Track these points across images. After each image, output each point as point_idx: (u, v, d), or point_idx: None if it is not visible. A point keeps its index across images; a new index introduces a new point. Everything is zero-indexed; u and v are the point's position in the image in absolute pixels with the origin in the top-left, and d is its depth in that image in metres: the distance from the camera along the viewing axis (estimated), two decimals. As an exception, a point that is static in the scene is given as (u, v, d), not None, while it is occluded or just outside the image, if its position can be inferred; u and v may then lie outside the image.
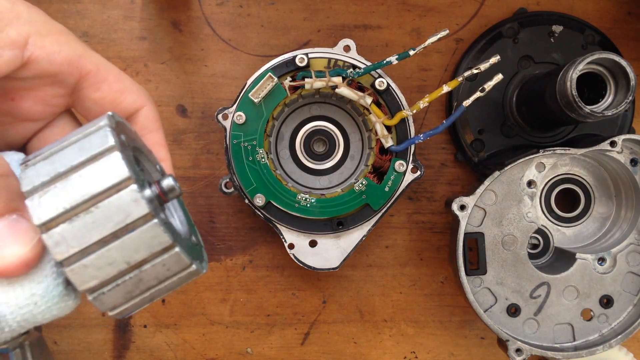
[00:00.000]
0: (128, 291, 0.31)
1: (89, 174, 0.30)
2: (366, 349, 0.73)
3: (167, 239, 0.31)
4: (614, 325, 0.66)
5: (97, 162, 0.30)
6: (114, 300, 0.32)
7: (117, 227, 0.30)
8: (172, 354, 0.72)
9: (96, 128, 0.31)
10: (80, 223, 0.29)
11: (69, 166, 0.30)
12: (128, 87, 0.40)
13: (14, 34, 0.34)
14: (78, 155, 0.30)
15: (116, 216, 0.29)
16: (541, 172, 0.65)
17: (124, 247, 0.30)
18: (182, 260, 0.32)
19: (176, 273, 0.32)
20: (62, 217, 0.29)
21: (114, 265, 0.30)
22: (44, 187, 0.30)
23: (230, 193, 0.63)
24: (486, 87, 0.58)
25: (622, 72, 0.57)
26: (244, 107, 0.62)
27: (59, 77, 0.37)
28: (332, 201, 0.63)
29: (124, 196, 0.29)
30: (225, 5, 0.71)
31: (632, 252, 0.66)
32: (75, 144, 0.31)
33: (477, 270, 0.64)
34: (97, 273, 0.30)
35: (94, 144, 0.30)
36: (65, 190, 0.29)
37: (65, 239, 0.29)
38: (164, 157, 0.42)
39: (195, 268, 0.33)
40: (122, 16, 0.70)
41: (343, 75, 0.61)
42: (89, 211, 0.29)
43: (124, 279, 0.31)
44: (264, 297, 0.72)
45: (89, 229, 0.29)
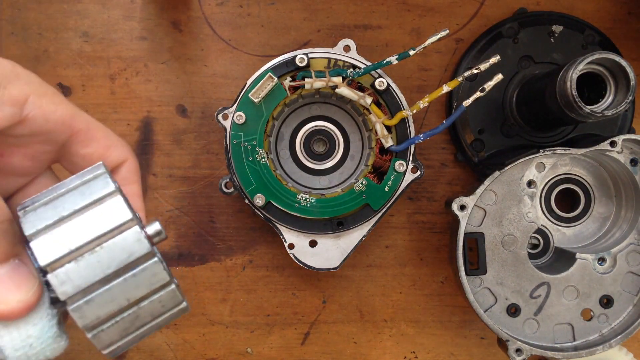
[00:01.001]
0: (125, 328, 0.33)
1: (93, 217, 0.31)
2: (366, 349, 0.73)
3: (165, 276, 0.32)
4: (614, 325, 0.66)
5: (100, 205, 0.32)
6: (111, 337, 0.33)
7: (121, 266, 0.31)
8: (172, 354, 0.72)
9: (95, 175, 0.33)
10: (85, 263, 0.31)
11: (71, 210, 0.32)
12: (114, 142, 0.42)
13: (16, 92, 0.36)
14: (80, 199, 0.32)
15: (120, 255, 0.31)
16: (541, 172, 0.65)
17: (126, 284, 0.31)
18: (176, 297, 0.34)
19: (169, 309, 0.34)
20: (68, 257, 0.31)
21: (115, 302, 0.32)
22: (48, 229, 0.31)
23: (230, 193, 0.63)
24: (486, 87, 0.58)
25: (622, 72, 0.57)
26: (244, 107, 0.62)
27: (52, 135, 0.39)
28: (332, 201, 0.63)
29: (128, 236, 0.31)
30: (225, 5, 0.71)
31: (632, 252, 0.65)
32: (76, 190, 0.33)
33: (477, 270, 0.64)
34: (98, 311, 0.31)
35: (95, 189, 0.32)
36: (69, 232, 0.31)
37: (71, 278, 0.31)
38: (140, 208, 0.44)
39: (185, 305, 0.35)
40: (122, 16, 0.70)
41: (343, 75, 0.61)
42: (93, 251, 0.31)
43: (123, 315, 0.32)
44: (264, 297, 0.72)
45: (94, 268, 0.31)
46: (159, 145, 0.71)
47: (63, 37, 0.70)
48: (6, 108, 0.35)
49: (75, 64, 0.70)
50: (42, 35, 0.69)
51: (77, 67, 0.70)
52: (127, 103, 0.70)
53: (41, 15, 0.69)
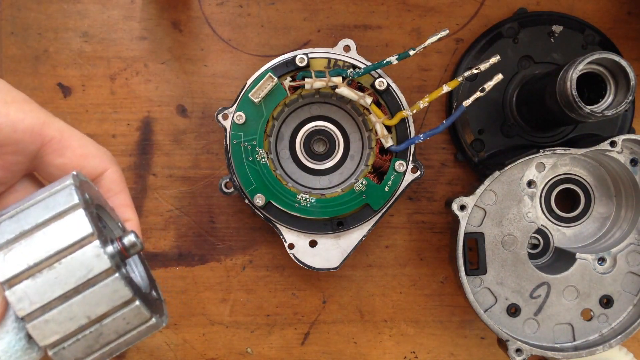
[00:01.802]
0: (88, 345, 0.32)
1: (53, 231, 0.30)
2: (366, 349, 0.73)
3: (127, 293, 0.31)
4: (614, 325, 0.66)
5: (62, 219, 0.31)
6: (74, 355, 0.32)
7: (79, 282, 0.30)
8: (172, 354, 0.72)
9: (61, 187, 0.32)
10: (43, 279, 0.30)
11: (34, 224, 0.31)
12: (91, 151, 0.40)
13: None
14: (43, 213, 0.31)
15: (79, 271, 0.30)
16: (541, 172, 0.65)
17: (85, 301, 0.31)
18: (142, 314, 0.33)
19: (136, 327, 0.33)
20: (26, 274, 0.30)
21: (75, 320, 0.31)
22: (9, 244, 0.30)
23: (230, 193, 0.63)
24: (486, 87, 0.58)
25: (622, 72, 0.57)
26: (244, 107, 0.62)
27: (21, 144, 0.37)
28: (332, 201, 0.63)
29: (87, 252, 0.30)
30: (225, 5, 0.71)
31: (632, 252, 0.65)
32: (41, 203, 0.32)
33: (477, 270, 0.64)
34: (58, 328, 0.31)
35: (59, 202, 0.31)
36: (29, 247, 0.30)
37: (28, 295, 0.30)
38: (130, 217, 0.42)
39: (155, 322, 0.34)
40: (122, 16, 0.70)
41: (343, 75, 0.61)
42: (52, 267, 0.30)
43: (85, 333, 0.31)
44: (264, 297, 0.72)
45: (52, 284, 0.30)
46: (159, 145, 0.71)
47: (63, 37, 0.70)
48: None
49: (75, 64, 0.70)
50: (42, 35, 0.69)
51: (77, 67, 0.70)
52: (127, 103, 0.70)
53: (41, 15, 0.69)
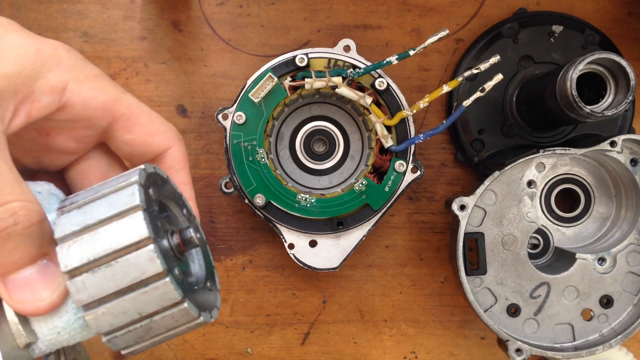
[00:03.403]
0: (139, 336, 0.34)
1: (114, 230, 0.32)
2: (366, 349, 0.73)
3: (176, 296, 0.33)
4: (614, 325, 0.66)
5: (122, 219, 0.32)
6: (126, 343, 0.34)
7: (133, 282, 0.32)
8: (172, 354, 0.72)
9: (126, 184, 0.34)
10: (101, 275, 0.32)
11: (97, 219, 0.33)
12: (158, 128, 0.42)
13: (55, 79, 0.35)
14: (107, 209, 0.33)
15: (133, 272, 0.32)
16: (541, 172, 0.65)
17: (137, 299, 0.32)
18: (189, 314, 0.34)
19: (184, 324, 0.35)
20: (86, 267, 0.32)
21: (127, 315, 0.33)
22: (74, 236, 0.32)
23: (230, 193, 0.63)
24: (486, 87, 0.58)
25: (622, 72, 0.57)
26: (244, 107, 0.62)
27: (93, 120, 0.39)
28: (332, 201, 0.63)
29: (141, 255, 0.32)
30: (225, 5, 0.71)
31: (632, 252, 0.66)
32: (106, 198, 0.33)
33: (477, 270, 0.64)
34: (111, 320, 0.33)
35: (122, 201, 0.33)
36: (91, 242, 0.32)
37: (87, 288, 0.32)
38: (188, 196, 0.44)
39: (203, 320, 0.35)
40: (122, 16, 0.70)
41: (343, 75, 0.61)
42: (109, 264, 0.32)
43: (135, 326, 0.33)
44: (264, 297, 0.72)
45: (108, 280, 0.32)
46: (159, 145, 0.71)
47: (63, 37, 0.70)
48: (44, 97, 0.35)
49: (75, 64, 0.70)
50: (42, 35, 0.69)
51: (77, 67, 0.70)
52: (127, 103, 0.70)
53: (41, 15, 0.69)
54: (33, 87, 0.34)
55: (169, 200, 0.39)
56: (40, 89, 0.35)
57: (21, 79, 0.34)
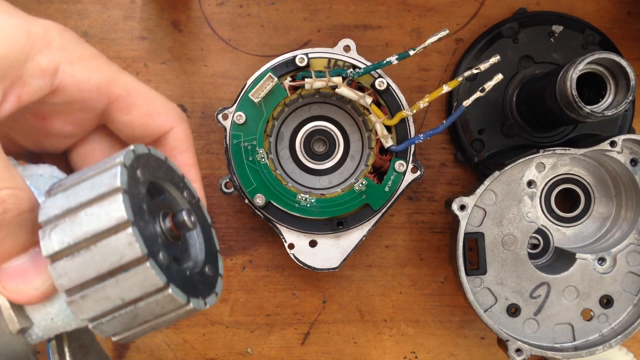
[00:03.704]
0: (126, 323, 0.33)
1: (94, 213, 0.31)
2: (366, 349, 0.73)
3: (158, 281, 0.32)
4: (614, 325, 0.66)
5: (103, 201, 0.31)
6: (113, 330, 0.33)
7: (113, 267, 0.31)
8: (172, 354, 0.72)
9: (110, 165, 0.33)
10: (80, 259, 0.31)
11: (79, 202, 0.32)
12: (158, 109, 0.40)
13: (45, 62, 0.34)
14: (89, 192, 0.32)
15: (112, 256, 0.31)
16: (541, 172, 0.65)
17: (119, 285, 0.31)
18: (176, 301, 0.33)
19: (172, 310, 0.34)
20: (66, 251, 0.31)
21: (110, 301, 0.32)
22: (56, 220, 0.31)
23: (230, 193, 0.63)
24: (486, 87, 0.58)
25: (622, 72, 0.57)
26: (244, 107, 0.62)
27: (88, 103, 0.37)
28: (332, 201, 0.63)
29: (121, 238, 0.31)
30: (225, 5, 0.71)
31: (632, 252, 0.65)
32: (89, 180, 0.32)
33: (477, 270, 0.64)
34: (94, 306, 0.32)
35: (104, 183, 0.32)
36: (71, 226, 0.31)
37: (67, 273, 0.31)
38: (193, 178, 0.42)
39: (193, 306, 0.34)
40: (122, 16, 0.70)
41: (343, 75, 0.61)
42: (88, 248, 0.31)
43: (120, 312, 0.32)
44: (264, 297, 0.72)
45: (88, 265, 0.31)
46: (159, 145, 0.71)
47: (63, 37, 0.70)
48: (35, 81, 0.34)
49: (75, 64, 0.70)
50: (42, 35, 0.69)
51: (77, 67, 0.70)
52: (127, 103, 0.70)
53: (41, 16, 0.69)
54: (22, 70, 0.33)
55: (166, 182, 0.38)
56: (29, 72, 0.33)
57: (9, 62, 0.32)
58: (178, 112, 0.42)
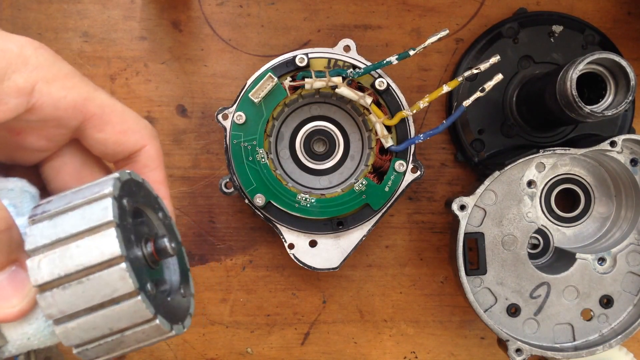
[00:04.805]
0: (110, 349, 0.34)
1: (86, 246, 0.32)
2: (366, 349, 0.73)
3: (148, 314, 0.33)
4: (614, 325, 0.66)
5: (95, 235, 0.32)
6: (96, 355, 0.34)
7: (104, 299, 0.32)
8: (172, 354, 0.72)
9: (100, 196, 0.33)
10: (71, 291, 0.32)
11: (69, 233, 0.32)
12: (131, 127, 0.40)
13: (21, 81, 0.34)
14: (79, 223, 0.32)
15: (104, 290, 0.32)
16: (541, 172, 0.65)
17: (108, 316, 0.32)
18: (161, 330, 0.34)
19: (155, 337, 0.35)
20: (57, 282, 0.31)
21: (98, 330, 0.33)
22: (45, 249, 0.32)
23: (230, 193, 0.63)
24: (486, 87, 0.58)
25: (622, 72, 0.57)
26: (244, 107, 0.62)
27: (63, 120, 0.38)
28: (332, 201, 0.63)
29: (113, 273, 0.31)
30: (225, 5, 0.71)
31: (632, 252, 0.65)
32: (78, 210, 0.33)
33: (477, 270, 0.64)
34: (82, 334, 0.33)
35: (95, 215, 0.32)
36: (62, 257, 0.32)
37: (57, 303, 0.32)
38: (164, 195, 0.43)
39: (175, 333, 0.35)
40: (122, 16, 0.70)
41: (343, 75, 0.61)
42: (80, 281, 0.32)
43: (107, 340, 0.33)
44: (264, 297, 0.72)
45: (79, 297, 0.32)
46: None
47: (63, 37, 0.70)
48: (11, 100, 0.34)
49: (75, 64, 0.70)
50: (42, 35, 0.69)
51: (77, 67, 0.69)
52: (127, 103, 0.69)
53: (41, 15, 0.69)
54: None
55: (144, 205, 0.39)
56: (6, 90, 0.33)
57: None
58: (150, 129, 0.42)
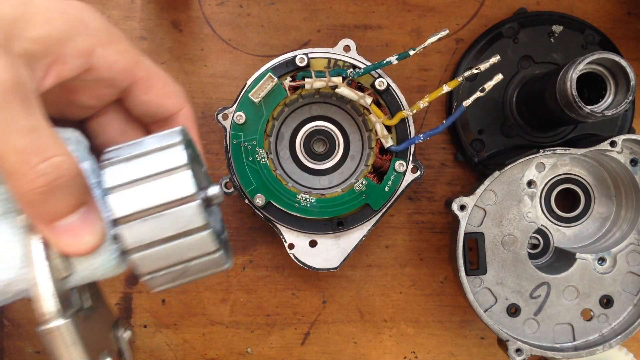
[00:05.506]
0: (174, 277, 0.38)
1: (164, 185, 0.36)
2: (366, 349, 0.73)
3: (213, 247, 0.38)
4: (614, 325, 0.66)
5: (171, 175, 0.36)
6: (161, 283, 0.38)
7: (178, 232, 0.36)
8: (172, 354, 0.72)
9: (172, 144, 0.38)
10: (150, 223, 0.36)
11: (147, 174, 0.36)
12: (172, 91, 0.45)
13: (83, 44, 0.38)
14: (155, 166, 0.37)
15: (179, 223, 0.36)
16: (541, 172, 0.65)
17: (180, 247, 0.37)
18: (219, 262, 0.39)
19: (212, 268, 0.39)
20: (138, 215, 0.36)
21: (169, 259, 0.37)
22: (125, 187, 0.36)
23: (230, 193, 0.63)
24: (486, 87, 0.58)
25: (622, 72, 0.57)
26: (244, 107, 0.62)
27: (115, 81, 0.41)
28: (332, 201, 0.63)
29: (188, 209, 0.36)
30: (225, 5, 0.71)
31: (632, 252, 0.66)
32: (152, 155, 0.37)
33: (477, 270, 0.64)
34: (154, 263, 0.37)
35: (170, 159, 0.37)
36: (143, 193, 0.36)
37: (137, 233, 0.36)
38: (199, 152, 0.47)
39: (227, 266, 0.40)
40: (122, 16, 0.70)
41: (343, 75, 0.61)
42: (158, 215, 0.36)
43: (173, 269, 0.38)
44: (264, 297, 0.72)
45: (156, 229, 0.36)
46: (159, 145, 0.71)
47: (63, 37, 0.70)
48: (73, 60, 0.37)
49: (75, 64, 0.70)
50: (42, 35, 0.69)
51: (77, 67, 0.70)
52: (127, 103, 0.70)
53: (41, 15, 0.69)
54: (62, 50, 0.37)
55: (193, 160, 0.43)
56: (69, 51, 0.37)
57: (51, 42, 0.36)
58: (184, 94, 0.46)
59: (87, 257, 0.37)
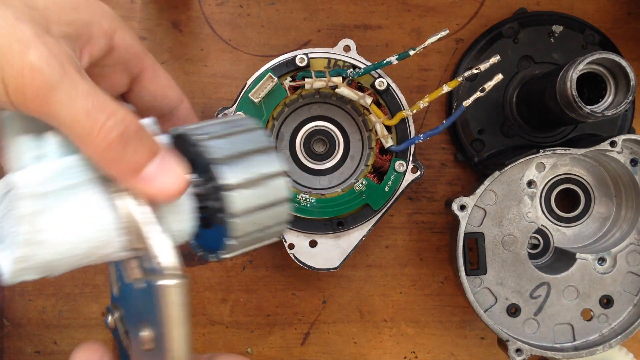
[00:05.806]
0: (251, 241, 0.42)
1: (262, 160, 0.41)
2: (366, 349, 0.73)
3: (289, 217, 0.43)
4: (614, 325, 0.66)
5: (266, 154, 0.41)
6: (237, 248, 0.41)
7: (272, 201, 0.41)
8: (172, 354, 0.71)
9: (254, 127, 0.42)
10: (252, 192, 0.40)
11: (247, 149, 0.40)
12: (172, 83, 0.48)
13: (106, 25, 0.41)
14: (251, 144, 0.41)
15: (273, 194, 0.41)
16: (541, 172, 0.65)
17: (268, 215, 0.41)
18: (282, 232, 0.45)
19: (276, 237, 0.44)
20: (243, 184, 0.39)
21: (257, 224, 0.41)
22: (231, 159, 0.39)
23: (231, 193, 0.63)
24: (486, 87, 0.58)
25: (622, 72, 0.57)
26: (244, 107, 0.62)
27: (129, 65, 0.44)
28: (332, 201, 0.63)
29: (281, 183, 0.41)
30: (225, 5, 0.71)
31: (632, 252, 0.66)
32: (244, 135, 0.41)
33: (477, 270, 0.64)
34: (245, 227, 0.40)
35: (261, 140, 0.41)
36: (247, 166, 0.40)
37: (242, 200, 0.39)
38: None
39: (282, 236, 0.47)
40: (122, 16, 0.69)
41: (343, 75, 0.61)
42: (259, 185, 0.40)
43: (254, 235, 0.41)
44: (264, 297, 0.72)
45: (257, 197, 0.40)
46: (159, 145, 0.71)
47: (63, 37, 0.70)
48: (101, 40, 0.40)
49: (75, 64, 0.70)
50: (42, 35, 0.69)
51: (77, 67, 0.70)
52: (127, 103, 0.70)
53: (41, 15, 0.69)
54: (91, 30, 0.39)
55: None
56: (96, 33, 0.39)
57: (82, 25, 0.38)
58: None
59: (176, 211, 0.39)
